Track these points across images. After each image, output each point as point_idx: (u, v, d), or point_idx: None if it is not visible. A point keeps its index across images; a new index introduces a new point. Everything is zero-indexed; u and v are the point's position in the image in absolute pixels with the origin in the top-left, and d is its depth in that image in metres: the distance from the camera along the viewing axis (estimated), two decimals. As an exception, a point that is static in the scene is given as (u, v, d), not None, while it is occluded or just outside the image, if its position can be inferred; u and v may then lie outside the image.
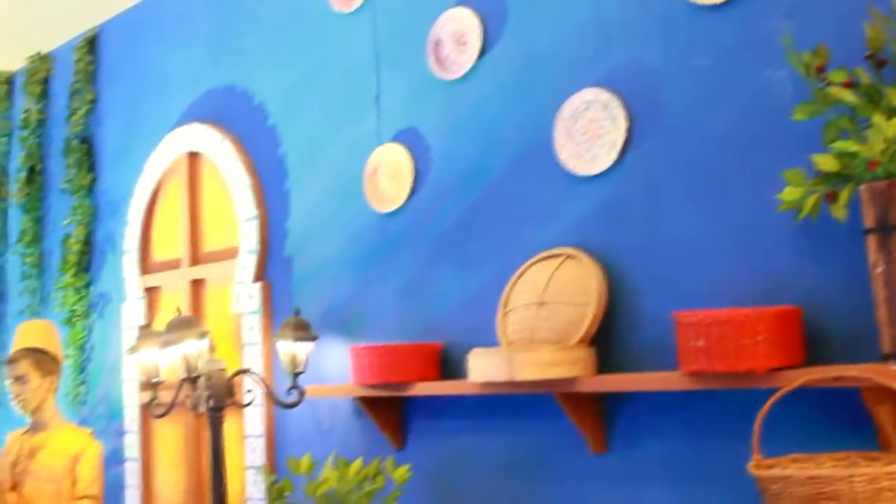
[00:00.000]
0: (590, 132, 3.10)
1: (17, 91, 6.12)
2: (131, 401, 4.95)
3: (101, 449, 4.26)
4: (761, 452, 2.31)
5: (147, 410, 4.83)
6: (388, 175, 3.71)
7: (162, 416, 3.65)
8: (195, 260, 4.66)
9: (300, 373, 3.63)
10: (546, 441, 3.18)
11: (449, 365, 3.43)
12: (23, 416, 4.32)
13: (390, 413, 3.61)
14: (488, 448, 3.35)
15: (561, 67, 3.21)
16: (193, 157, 4.70)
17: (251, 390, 3.86)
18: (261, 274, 4.22)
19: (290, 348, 3.60)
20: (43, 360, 4.23)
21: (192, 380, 3.44)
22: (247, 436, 4.19)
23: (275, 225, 4.20)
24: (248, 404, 3.88)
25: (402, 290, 3.65)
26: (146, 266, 4.95)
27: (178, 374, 3.50)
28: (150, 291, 4.91)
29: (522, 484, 3.24)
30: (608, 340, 2.99)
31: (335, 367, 3.83)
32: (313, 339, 3.64)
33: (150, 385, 3.67)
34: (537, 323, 3.05)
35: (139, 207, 4.97)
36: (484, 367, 2.98)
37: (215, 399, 3.51)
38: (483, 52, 3.45)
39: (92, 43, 5.47)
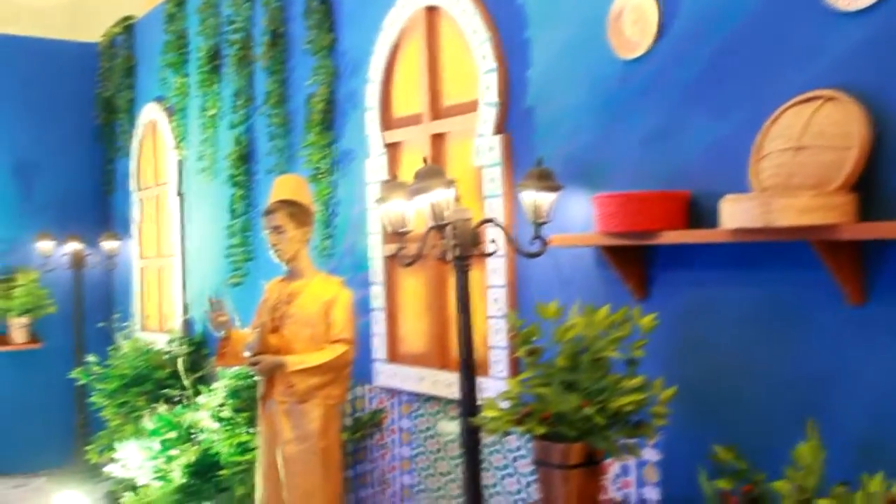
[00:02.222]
0: (855, -37, 2.89)
1: (258, -44, 6.31)
2: (376, 253, 5.14)
3: (352, 296, 4.48)
4: None
5: (391, 262, 5.02)
6: (632, 20, 3.60)
7: (410, 264, 3.78)
8: (436, 114, 4.71)
9: (544, 223, 3.65)
10: (800, 291, 3.07)
11: (696, 214, 3.34)
12: (279, 264, 4.59)
13: (634, 263, 3.57)
14: (738, 298, 3.27)
15: None
16: (431, 11, 4.71)
17: (494, 240, 3.92)
18: (501, 126, 4.22)
19: (534, 198, 3.62)
20: (297, 211, 4.45)
21: (439, 228, 3.53)
22: (489, 286, 4.27)
23: (515, 76, 4.17)
24: (492, 254, 3.95)
25: (647, 138, 3.56)
26: (387, 122, 5.06)
27: (425, 225, 3.59)
28: (392, 147, 5.02)
29: (773, 335, 3.16)
30: (871, 186, 2.83)
31: (578, 217, 3.82)
32: (557, 188, 3.64)
33: (398, 235, 3.79)
34: (794, 168, 2.92)
35: (379, 65, 5.06)
36: (737, 214, 2.90)
37: (462, 248, 3.60)
38: None
39: None
